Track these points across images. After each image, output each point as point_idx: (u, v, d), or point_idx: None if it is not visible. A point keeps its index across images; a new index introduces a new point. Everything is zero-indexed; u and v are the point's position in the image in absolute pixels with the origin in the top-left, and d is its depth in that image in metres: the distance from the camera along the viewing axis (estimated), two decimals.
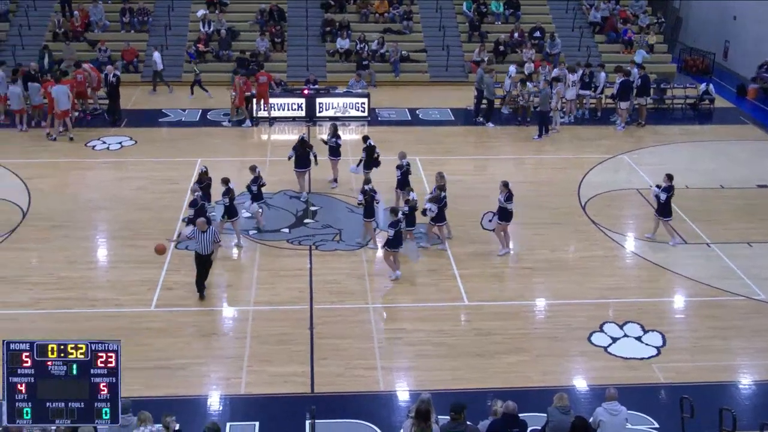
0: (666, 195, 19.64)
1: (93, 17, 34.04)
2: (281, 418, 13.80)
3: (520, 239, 20.39)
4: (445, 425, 11.89)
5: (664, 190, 19.72)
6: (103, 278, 18.32)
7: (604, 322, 16.68)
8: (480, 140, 27.42)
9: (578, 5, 36.74)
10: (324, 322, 16.52)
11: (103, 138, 26.40)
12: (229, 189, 19.34)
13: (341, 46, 33.63)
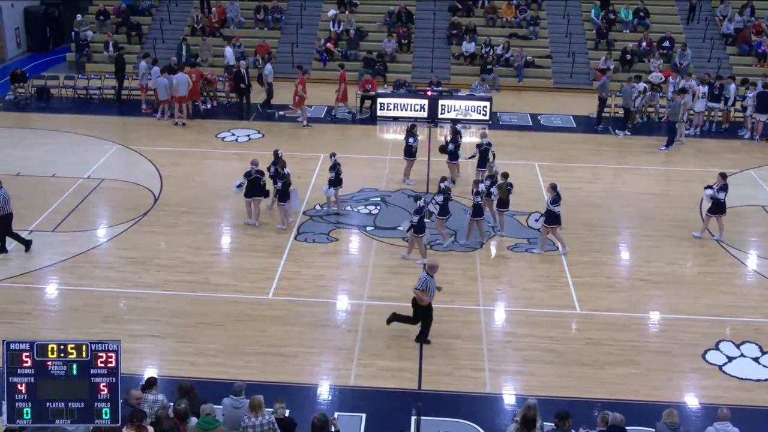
0: (724, 194, 19.80)
1: (229, 14, 35.33)
2: (388, 411, 14.06)
3: (636, 250, 20.14)
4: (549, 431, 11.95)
5: (721, 189, 19.81)
6: (225, 264, 19.07)
7: (720, 341, 16.32)
8: (602, 148, 27.11)
9: (711, 16, 35.76)
10: (435, 320, 16.67)
11: (233, 130, 27.46)
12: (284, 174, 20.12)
13: (466, 49, 33.79)
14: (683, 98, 27.01)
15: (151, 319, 16.50)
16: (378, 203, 22.06)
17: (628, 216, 21.79)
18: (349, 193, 22.53)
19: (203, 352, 15.42)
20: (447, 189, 19.66)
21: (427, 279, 15.54)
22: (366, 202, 22.14)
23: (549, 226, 19.42)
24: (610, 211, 21.94)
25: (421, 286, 15.47)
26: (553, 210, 19.20)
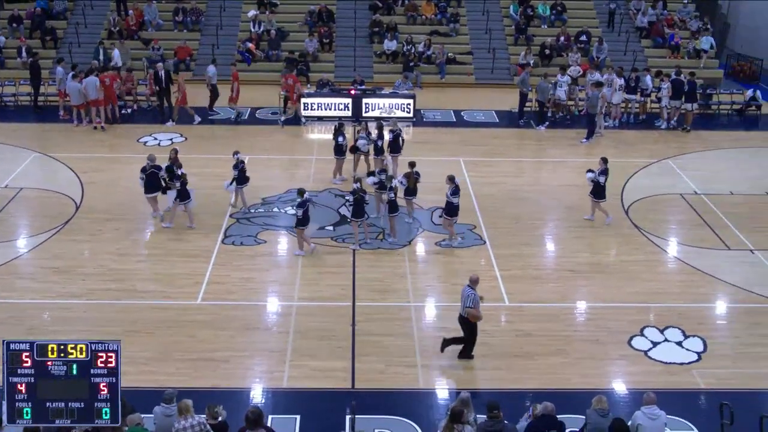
0: (604, 178, 20.50)
1: (147, 16, 34.74)
2: (322, 412, 14.03)
3: (562, 242, 20.51)
4: (482, 423, 12.05)
5: (601, 173, 20.52)
6: (152, 271, 18.76)
7: (645, 327, 16.72)
8: (525, 142, 27.51)
9: (625, 10, 36.61)
10: (366, 319, 16.76)
11: (154, 134, 27.02)
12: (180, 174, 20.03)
13: (388, 47, 33.91)
14: (600, 91, 27.57)
15: (77, 329, 16.10)
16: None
17: (553, 208, 22.16)
18: (276, 194, 22.40)
19: (133, 361, 15.09)
20: (357, 190, 19.43)
21: (474, 295, 15.11)
22: (293, 202, 21.99)
23: (449, 217, 19.60)
24: (535, 204, 22.28)
25: (471, 303, 15.03)
26: (452, 202, 19.41)
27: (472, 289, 15.08)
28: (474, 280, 15.24)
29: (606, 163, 20.85)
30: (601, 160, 20.96)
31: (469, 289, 15.10)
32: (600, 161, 20.97)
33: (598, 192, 20.88)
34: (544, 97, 28.50)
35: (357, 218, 19.51)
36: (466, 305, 15.00)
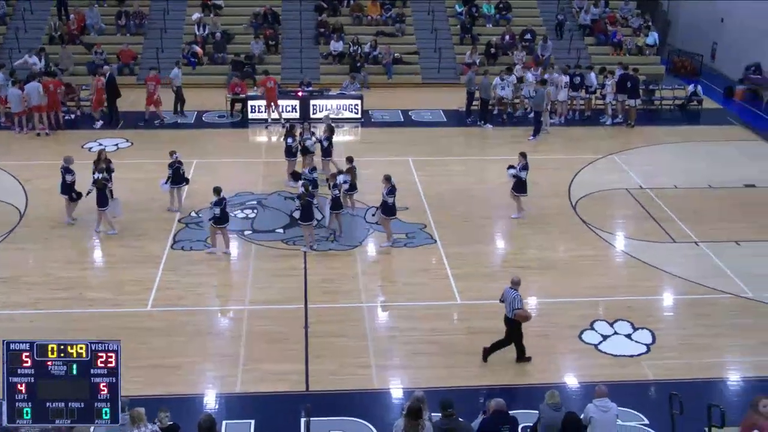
0: (525, 173, 20.85)
1: (89, 20, 34.20)
2: (277, 415, 13.99)
3: (512, 239, 20.68)
4: (437, 422, 12.09)
5: (522, 168, 20.84)
6: (100, 278, 18.52)
7: (595, 320, 16.93)
8: (472, 141, 27.69)
9: (568, 8, 37.06)
10: (318, 320, 16.73)
11: (100, 140, 26.62)
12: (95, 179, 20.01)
13: (335, 48, 33.87)
14: (546, 89, 27.87)
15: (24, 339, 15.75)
16: (255, 206, 21.86)
17: (502, 206, 22.29)
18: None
19: None
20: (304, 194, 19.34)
21: (518, 295, 15.04)
22: (242, 206, 21.90)
23: (387, 217, 19.69)
24: (485, 202, 22.43)
25: (519, 304, 14.98)
26: (387, 201, 19.51)
27: (515, 290, 15.12)
28: (516, 281, 15.26)
29: (526, 158, 21.11)
30: (521, 156, 21.22)
31: (511, 290, 15.15)
32: (519, 156, 21.23)
33: (520, 187, 21.14)
34: (488, 95, 28.69)
35: (306, 222, 19.44)
36: (515, 307, 14.99)
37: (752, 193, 23.52)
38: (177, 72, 29.11)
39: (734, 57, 35.48)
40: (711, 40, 37.74)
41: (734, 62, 35.30)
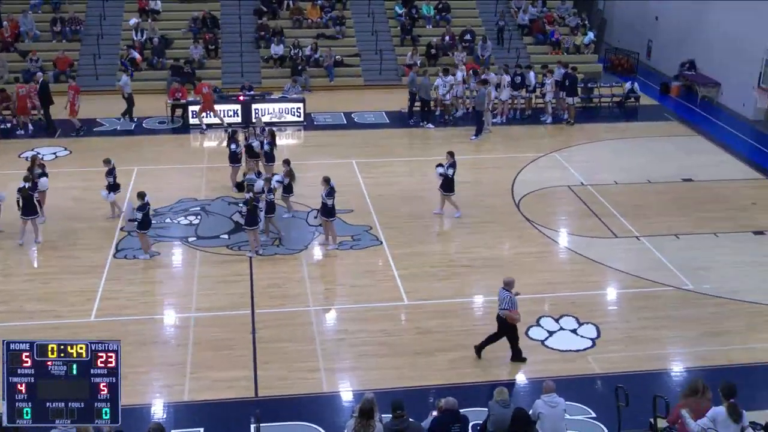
0: (452, 171, 21.07)
1: (23, 27, 33.50)
2: (226, 423, 13.87)
3: (456, 238, 20.79)
4: (387, 423, 12.09)
5: (450, 166, 21.10)
6: (41, 290, 18.13)
7: (541, 317, 17.12)
8: (415, 142, 27.79)
9: (506, 8, 37.43)
10: (265, 326, 16.63)
11: (37, 149, 26.09)
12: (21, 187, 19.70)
13: (275, 52, 33.72)
14: (486, 88, 28.09)
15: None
16: (198, 213, 21.65)
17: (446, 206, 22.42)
18: (167, 205, 21.98)
19: None
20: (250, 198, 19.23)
21: (510, 296, 15.09)
22: (186, 212, 21.67)
23: (327, 219, 19.72)
24: (429, 203, 22.50)
25: (506, 305, 15.03)
26: (327, 203, 19.54)
27: (507, 292, 15.17)
28: (508, 282, 15.31)
29: (453, 157, 21.33)
30: (448, 154, 21.43)
31: (504, 291, 15.21)
32: (447, 155, 21.43)
33: (447, 185, 21.33)
34: (428, 95, 28.84)
35: (251, 226, 19.31)
36: (502, 307, 15.11)
37: (690, 187, 24.01)
38: (126, 79, 28.79)
39: (669, 54, 36.21)
40: (646, 38, 38.46)
41: (669, 59, 36.03)
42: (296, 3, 36.19)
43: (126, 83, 28.71)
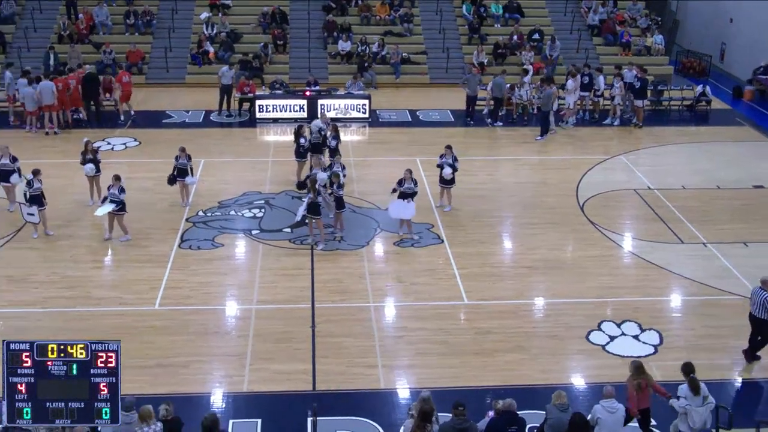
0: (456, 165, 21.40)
1: (97, 19, 34.27)
2: (283, 415, 14.00)
3: (519, 239, 20.65)
4: (448, 422, 12.08)
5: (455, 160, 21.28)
6: (108, 277, 18.56)
7: (602, 321, 16.90)
8: (479, 141, 27.65)
9: (576, 8, 37.02)
10: (325, 320, 16.74)
11: (108, 139, 26.71)
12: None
13: (342, 48, 33.88)
14: (552, 88, 27.82)
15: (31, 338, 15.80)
16: (262, 206, 21.88)
17: (510, 205, 22.32)
18: (232, 198, 22.27)
19: None
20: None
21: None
22: (250, 205, 21.92)
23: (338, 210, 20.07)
24: (492, 202, 22.41)
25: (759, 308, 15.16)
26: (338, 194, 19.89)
27: (765, 291, 15.16)
28: (766, 281, 15.28)
29: (452, 150, 21.38)
30: (446, 148, 21.47)
31: (761, 290, 15.20)
32: (446, 149, 21.44)
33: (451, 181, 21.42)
34: (501, 94, 28.69)
35: (314, 215, 19.48)
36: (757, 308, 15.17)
37: (761, 194, 23.43)
38: (225, 69, 29.23)
39: (743, 57, 35.39)
40: (720, 40, 37.64)
41: (743, 63, 35.22)
42: (365, 0, 36.30)
43: (224, 74, 29.14)
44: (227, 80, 29.12)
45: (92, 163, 21.28)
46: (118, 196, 19.38)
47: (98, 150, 22.00)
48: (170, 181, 21.40)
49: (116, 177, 19.64)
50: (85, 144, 21.55)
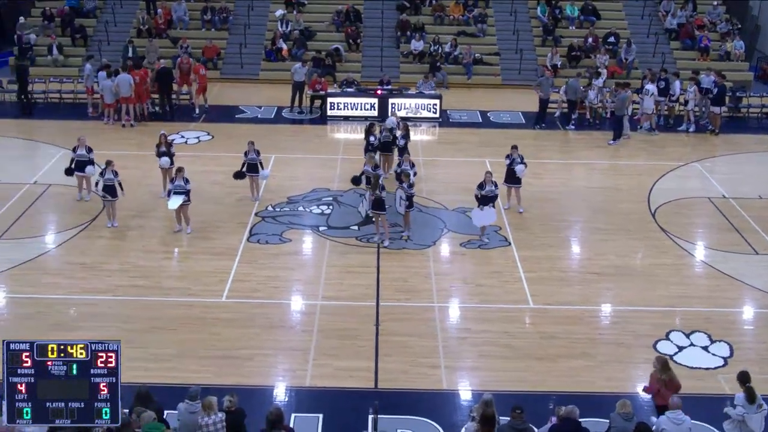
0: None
1: (175, 15, 34.91)
2: (345, 411, 14.04)
3: (588, 244, 20.39)
4: (504, 424, 12.00)
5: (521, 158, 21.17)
6: (177, 268, 18.90)
7: (671, 331, 16.57)
8: (550, 144, 27.38)
9: (654, 11, 36.36)
10: (389, 319, 16.77)
11: (182, 132, 27.19)
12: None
13: (415, 47, 33.88)
14: (627, 92, 27.38)
15: (102, 325, 16.25)
16: (330, 203, 22.02)
17: (579, 210, 22.06)
18: (301, 194, 22.46)
19: (157, 357, 15.25)
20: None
21: None
22: (318, 202, 22.08)
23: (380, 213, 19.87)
24: (562, 206, 22.17)
25: None
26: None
27: None
28: None
29: (517, 149, 21.33)
30: (512, 148, 21.43)
31: None
32: (512, 149, 21.38)
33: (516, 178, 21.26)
34: (575, 96, 28.38)
35: (379, 211, 19.55)
36: None
37: None
38: (298, 66, 29.55)
39: None
40: None
41: None
42: (439, 0, 36.25)
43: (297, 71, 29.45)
44: (300, 77, 29.39)
45: (167, 156, 21.67)
46: (185, 187, 19.71)
47: (172, 143, 22.37)
48: (237, 176, 21.65)
49: (179, 169, 20.02)
50: (160, 137, 21.95)
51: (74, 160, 21.39)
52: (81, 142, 21.43)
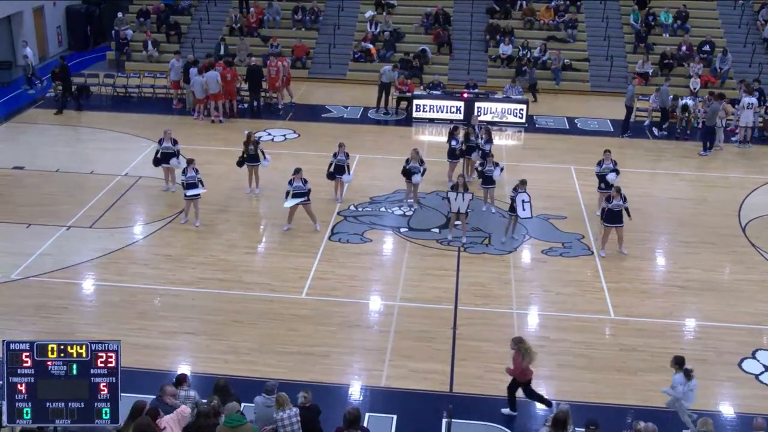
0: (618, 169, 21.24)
1: (267, 15, 35.48)
2: (419, 413, 14.04)
3: (673, 256, 19.93)
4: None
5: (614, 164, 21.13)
6: (259, 263, 19.17)
7: (757, 349, 16.09)
8: (639, 152, 26.85)
9: (752, 20, 35.33)
10: (467, 323, 16.70)
11: (269, 129, 27.61)
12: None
13: (504, 51, 33.66)
14: (721, 103, 26.67)
15: (184, 316, 16.63)
16: (412, 204, 22.02)
17: (665, 221, 21.58)
18: (384, 195, 22.55)
19: (236, 350, 15.52)
20: None
21: None
22: (400, 203, 22.12)
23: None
24: (647, 216, 21.71)
25: None
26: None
27: None
28: None
29: (610, 152, 21.32)
30: (605, 152, 21.33)
31: None
32: (605, 153, 21.29)
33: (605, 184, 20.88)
34: (667, 104, 27.78)
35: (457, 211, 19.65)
36: None
37: None
38: (386, 68, 29.74)
39: None
40: None
41: None
42: (530, 4, 35.95)
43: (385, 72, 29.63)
44: (387, 78, 29.52)
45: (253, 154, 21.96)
46: (304, 188, 19.93)
47: (259, 140, 22.72)
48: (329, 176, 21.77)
49: (297, 170, 20.12)
50: (248, 135, 22.29)
51: (159, 151, 21.91)
52: (167, 134, 21.95)
